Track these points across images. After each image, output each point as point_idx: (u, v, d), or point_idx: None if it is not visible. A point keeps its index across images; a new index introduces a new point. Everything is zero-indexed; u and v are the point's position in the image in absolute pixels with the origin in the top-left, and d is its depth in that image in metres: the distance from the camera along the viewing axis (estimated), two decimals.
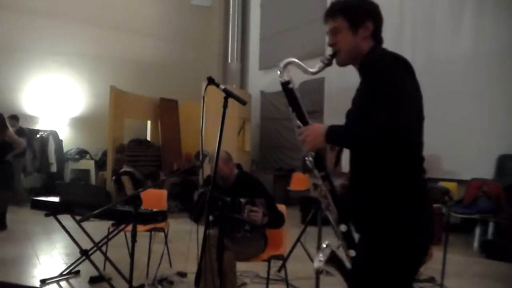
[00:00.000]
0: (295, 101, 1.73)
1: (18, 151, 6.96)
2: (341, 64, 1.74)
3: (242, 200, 2.90)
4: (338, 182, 1.76)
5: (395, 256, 1.54)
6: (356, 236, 1.67)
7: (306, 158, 1.69)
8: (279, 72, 1.75)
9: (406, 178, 1.56)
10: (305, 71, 1.73)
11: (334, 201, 1.67)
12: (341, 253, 1.70)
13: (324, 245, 1.69)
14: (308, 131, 1.62)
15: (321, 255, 1.67)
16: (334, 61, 1.74)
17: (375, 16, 1.72)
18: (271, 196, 3.29)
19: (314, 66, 1.73)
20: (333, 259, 1.66)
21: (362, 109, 1.59)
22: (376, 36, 1.72)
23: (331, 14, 1.73)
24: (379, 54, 1.65)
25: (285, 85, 1.74)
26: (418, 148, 1.60)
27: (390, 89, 1.48)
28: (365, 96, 1.59)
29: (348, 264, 1.66)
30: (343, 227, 1.66)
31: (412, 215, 1.55)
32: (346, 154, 1.71)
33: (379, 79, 1.52)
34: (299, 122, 1.70)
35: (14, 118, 8.43)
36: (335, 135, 1.57)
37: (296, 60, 1.75)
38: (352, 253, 1.65)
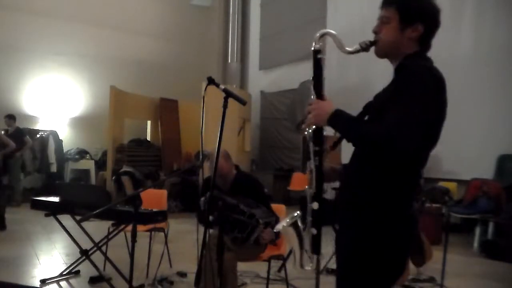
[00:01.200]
0: (319, 71, 1.69)
1: (7, 151, 7.09)
2: (378, 54, 1.68)
3: (261, 221, 2.91)
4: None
5: (376, 259, 1.54)
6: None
7: (307, 129, 1.69)
8: (314, 41, 1.69)
9: (397, 187, 1.54)
10: (340, 46, 1.66)
11: (317, 178, 1.68)
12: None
13: (295, 214, 1.75)
14: (317, 105, 1.63)
15: (287, 220, 1.73)
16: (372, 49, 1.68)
17: (430, 20, 1.63)
18: (267, 197, 3.30)
19: (350, 46, 1.67)
20: (295, 228, 1.73)
21: (380, 108, 1.57)
22: (424, 41, 1.64)
23: (387, 2, 1.68)
24: (418, 63, 1.56)
25: (316, 52, 1.69)
26: (419, 165, 1.58)
27: (410, 101, 1.44)
28: (388, 97, 1.56)
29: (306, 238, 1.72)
30: (315, 205, 1.71)
31: (396, 222, 1.54)
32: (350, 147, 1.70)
33: (406, 87, 1.48)
34: (313, 92, 1.68)
35: (11, 117, 8.43)
36: (337, 121, 1.57)
37: (334, 33, 1.67)
38: (314, 231, 1.71)
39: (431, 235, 4.32)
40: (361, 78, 7.92)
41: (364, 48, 1.65)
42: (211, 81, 2.43)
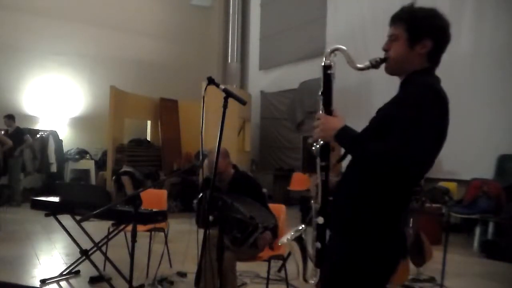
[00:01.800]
0: (328, 87, 1.69)
1: (5, 148, 7.20)
2: (388, 72, 1.68)
3: (260, 225, 2.91)
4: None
5: (365, 266, 1.56)
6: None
7: (315, 144, 1.68)
8: (325, 56, 1.69)
9: (394, 199, 1.56)
10: (351, 63, 1.66)
11: (322, 193, 1.68)
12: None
13: (300, 227, 1.74)
14: (325, 120, 1.62)
15: (292, 233, 1.72)
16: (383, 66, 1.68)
17: (439, 35, 1.62)
18: (265, 196, 3.30)
19: (361, 62, 1.67)
20: (299, 241, 1.71)
21: (383, 124, 1.58)
22: (433, 56, 1.63)
23: (395, 19, 1.66)
24: (424, 80, 1.56)
25: (326, 68, 1.68)
26: (418, 179, 1.61)
27: (414, 122, 1.45)
28: (391, 113, 1.56)
29: (310, 251, 1.71)
30: (320, 219, 1.68)
31: (387, 233, 1.56)
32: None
33: (410, 107, 1.48)
34: (322, 107, 1.68)
35: (11, 117, 8.44)
36: (343, 138, 1.58)
37: (345, 48, 1.67)
38: (318, 245, 1.68)
39: (431, 235, 4.31)
40: (361, 79, 7.91)
41: (374, 65, 1.65)
42: (211, 81, 2.43)
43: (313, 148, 1.69)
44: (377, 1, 7.98)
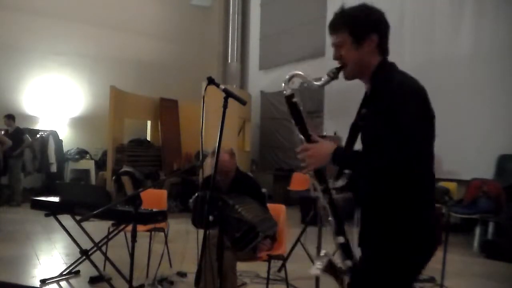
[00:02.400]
0: (298, 115, 1.72)
1: (5, 148, 7.26)
2: (348, 78, 1.70)
3: (261, 234, 2.92)
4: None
5: (396, 270, 1.57)
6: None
7: (306, 173, 1.69)
8: (283, 84, 1.73)
9: (410, 204, 1.55)
10: (310, 84, 1.70)
11: (333, 214, 1.68)
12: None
13: (322, 253, 1.72)
14: (312, 151, 1.61)
15: (319, 262, 1.69)
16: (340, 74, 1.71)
17: (380, 27, 1.65)
18: (264, 197, 3.31)
19: (319, 79, 1.70)
20: (330, 267, 1.69)
21: (371, 136, 1.61)
22: (382, 48, 1.66)
23: (333, 28, 1.69)
24: (398, 83, 1.57)
25: (289, 98, 1.72)
26: (428, 180, 1.59)
27: (402, 123, 1.47)
28: (376, 123, 1.57)
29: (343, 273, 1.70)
30: (340, 239, 1.68)
31: (413, 243, 1.56)
32: None
33: (393, 111, 1.50)
34: (301, 137, 1.69)
35: (10, 117, 8.44)
36: (341, 160, 1.59)
37: (302, 73, 1.71)
38: (349, 263, 1.67)
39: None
40: (360, 80, 7.92)
41: (333, 76, 1.67)
42: (211, 81, 2.43)
43: (308, 175, 1.69)
44: (377, 1, 7.97)
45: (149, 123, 10.57)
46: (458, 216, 5.96)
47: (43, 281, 3.81)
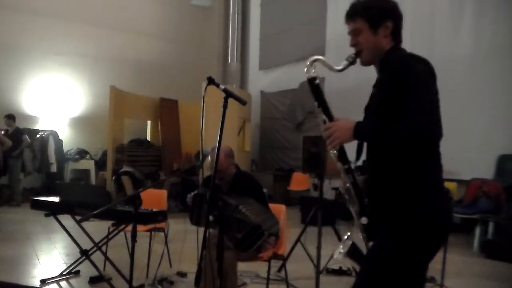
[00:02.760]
0: (321, 96, 1.76)
1: (5, 148, 7.27)
2: (365, 63, 1.78)
3: (266, 232, 2.92)
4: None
5: (410, 248, 1.59)
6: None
7: (331, 152, 1.73)
8: (305, 69, 1.78)
9: (427, 173, 1.62)
10: (331, 68, 1.76)
11: (356, 194, 1.71)
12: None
13: (346, 237, 1.73)
14: (336, 126, 1.65)
15: (341, 246, 1.71)
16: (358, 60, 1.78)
17: (394, 15, 1.76)
18: (265, 196, 3.30)
19: (339, 64, 1.76)
20: (353, 251, 1.70)
21: (384, 105, 1.64)
22: (396, 34, 1.76)
23: (351, 15, 1.77)
24: (405, 55, 1.69)
25: (312, 81, 1.77)
26: (438, 144, 1.65)
27: (419, 89, 1.53)
28: (388, 94, 1.63)
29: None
30: (364, 220, 1.70)
31: (431, 211, 1.59)
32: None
33: (407, 79, 1.56)
34: (324, 117, 1.73)
35: (11, 117, 8.44)
36: (364, 132, 1.61)
37: (323, 58, 1.78)
38: (371, 244, 1.69)
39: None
40: (361, 78, 7.92)
41: (351, 61, 1.76)
42: (211, 81, 2.43)
43: (332, 155, 1.73)
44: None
45: (149, 123, 10.57)
46: (458, 216, 5.95)
47: (43, 281, 3.80)
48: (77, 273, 4.04)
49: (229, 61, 12.32)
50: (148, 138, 10.38)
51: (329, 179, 6.02)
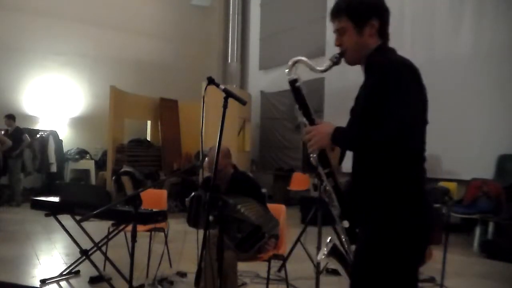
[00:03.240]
0: (302, 99, 1.74)
1: (5, 148, 7.30)
2: (350, 63, 1.75)
3: (267, 234, 2.91)
4: (342, 180, 1.78)
5: (393, 252, 1.56)
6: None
7: (311, 155, 1.71)
8: (287, 70, 1.75)
9: (407, 177, 1.58)
10: (313, 69, 1.74)
11: (337, 197, 1.70)
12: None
13: (328, 240, 1.73)
14: (315, 131, 1.65)
15: (324, 248, 1.71)
16: (342, 60, 1.75)
17: (380, 12, 1.70)
18: (264, 196, 3.30)
19: (322, 64, 1.74)
20: (334, 252, 1.69)
21: (366, 110, 1.61)
22: (382, 32, 1.71)
23: (335, 14, 1.74)
24: (388, 58, 1.63)
25: (293, 83, 1.75)
26: (421, 150, 1.61)
27: (398, 98, 1.49)
28: (370, 97, 1.60)
29: (349, 258, 1.70)
30: (345, 223, 1.69)
31: (411, 214, 1.57)
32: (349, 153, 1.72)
33: (387, 86, 1.53)
34: (305, 121, 1.71)
35: (11, 117, 8.45)
36: (340, 138, 1.60)
37: (304, 59, 1.75)
38: (354, 248, 1.67)
39: (431, 235, 4.31)
40: (360, 79, 7.93)
41: (335, 62, 1.72)
42: (211, 81, 2.43)
43: (311, 159, 1.71)
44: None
45: (149, 123, 10.57)
46: (458, 216, 5.96)
47: (43, 281, 3.80)
48: (77, 273, 4.04)
49: (229, 61, 12.32)
50: (148, 138, 10.38)
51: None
